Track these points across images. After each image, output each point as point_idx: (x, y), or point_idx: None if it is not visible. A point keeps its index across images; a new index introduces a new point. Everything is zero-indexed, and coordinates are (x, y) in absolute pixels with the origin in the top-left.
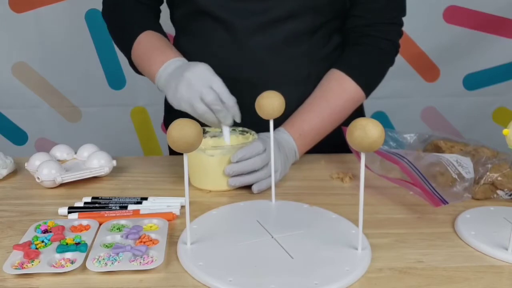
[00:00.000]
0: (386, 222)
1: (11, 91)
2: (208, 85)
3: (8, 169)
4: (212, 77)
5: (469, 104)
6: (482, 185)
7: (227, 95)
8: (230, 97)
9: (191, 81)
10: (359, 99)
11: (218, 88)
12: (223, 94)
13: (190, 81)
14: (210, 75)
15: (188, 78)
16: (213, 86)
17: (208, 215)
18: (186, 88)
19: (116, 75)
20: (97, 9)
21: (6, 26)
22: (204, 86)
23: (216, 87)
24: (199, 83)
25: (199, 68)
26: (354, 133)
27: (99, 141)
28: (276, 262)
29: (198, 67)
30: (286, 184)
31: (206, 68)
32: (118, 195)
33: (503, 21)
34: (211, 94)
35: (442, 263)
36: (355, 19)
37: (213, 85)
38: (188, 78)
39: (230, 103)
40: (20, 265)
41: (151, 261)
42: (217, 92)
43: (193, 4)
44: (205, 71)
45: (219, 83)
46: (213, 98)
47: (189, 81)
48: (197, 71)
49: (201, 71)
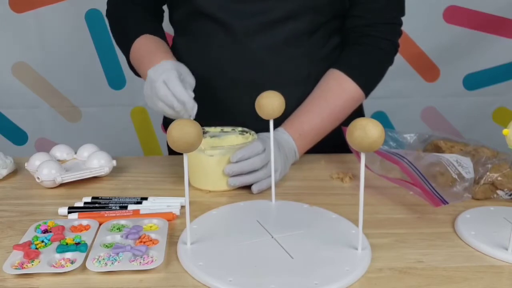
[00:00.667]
0: (386, 222)
1: (11, 91)
2: (161, 80)
3: (8, 169)
4: (166, 72)
5: (469, 104)
6: (482, 185)
7: (177, 89)
8: (181, 91)
9: (151, 77)
10: (358, 99)
11: (168, 82)
12: (174, 88)
13: (150, 78)
14: (166, 69)
15: (149, 76)
16: (165, 80)
17: (208, 215)
18: (148, 86)
19: (116, 75)
20: (97, 9)
21: (6, 26)
22: (157, 80)
23: (167, 81)
24: (155, 78)
25: (160, 66)
26: (354, 133)
27: (99, 141)
28: (276, 262)
29: (160, 65)
30: (286, 184)
31: (166, 63)
32: (118, 195)
33: (503, 21)
34: (162, 88)
35: (442, 263)
36: (355, 19)
37: (165, 79)
38: (150, 76)
39: (180, 97)
40: (20, 265)
41: (151, 261)
42: (168, 87)
43: (192, 5)
44: (163, 68)
45: (170, 77)
46: (163, 92)
47: (150, 78)
48: (157, 69)
49: (160, 68)
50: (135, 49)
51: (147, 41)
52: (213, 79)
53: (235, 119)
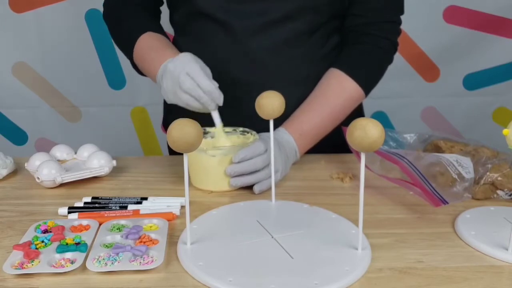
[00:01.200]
0: (386, 222)
1: (11, 91)
2: (184, 72)
3: (8, 169)
4: (188, 64)
5: (469, 104)
6: (482, 185)
7: (202, 80)
8: (206, 81)
9: (172, 71)
10: (358, 98)
11: (193, 73)
12: (199, 80)
13: (171, 72)
14: (187, 61)
15: (169, 69)
16: (188, 72)
17: (208, 215)
18: (169, 79)
19: (116, 75)
20: (97, 9)
21: (6, 26)
22: (181, 73)
23: (191, 73)
24: (177, 71)
25: (179, 58)
26: (354, 133)
27: (99, 141)
28: (276, 262)
29: (179, 57)
30: (286, 184)
31: (186, 55)
32: (118, 195)
33: (503, 21)
34: (188, 81)
35: (442, 263)
36: (354, 18)
37: (188, 71)
38: (170, 69)
39: (206, 88)
40: (20, 265)
41: (151, 261)
42: (193, 78)
43: (193, 6)
44: (183, 59)
45: (193, 69)
46: (189, 85)
47: (170, 72)
48: (176, 61)
49: (180, 60)
50: (139, 47)
51: (152, 38)
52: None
53: (235, 119)
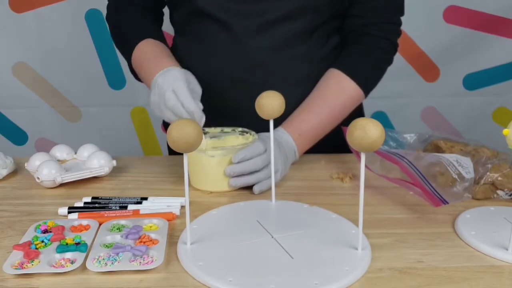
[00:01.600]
0: (386, 222)
1: (11, 91)
2: (171, 90)
3: (8, 169)
4: (176, 82)
5: (469, 104)
6: (482, 185)
7: (186, 100)
8: (190, 102)
9: (160, 85)
10: (358, 99)
11: (178, 92)
12: (183, 99)
13: (159, 86)
14: (176, 79)
15: (158, 83)
16: (175, 90)
17: (208, 215)
18: (156, 93)
19: (116, 75)
20: (97, 9)
21: (6, 26)
22: (167, 90)
23: (177, 91)
24: (164, 87)
25: (169, 73)
26: (354, 133)
27: (99, 141)
28: (276, 262)
29: (169, 72)
30: (286, 184)
31: (176, 73)
32: (118, 195)
33: (503, 21)
34: (172, 98)
35: (442, 263)
36: (354, 18)
37: (175, 89)
38: (158, 83)
39: (190, 108)
40: (20, 265)
41: (151, 261)
42: (178, 97)
43: (192, 5)
44: (173, 76)
45: (180, 88)
46: (173, 103)
47: (158, 86)
48: (166, 76)
49: (169, 76)
50: (137, 54)
51: (149, 46)
52: (213, 79)
53: (235, 119)
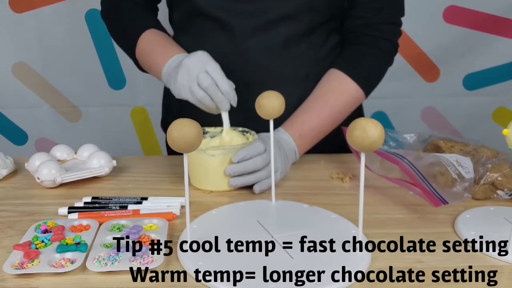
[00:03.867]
0: (386, 222)
1: (11, 91)
2: (204, 70)
3: (8, 169)
4: (208, 62)
5: (469, 104)
6: (482, 185)
7: (222, 79)
8: (225, 81)
9: (189, 67)
10: (358, 99)
11: (213, 72)
12: (218, 79)
13: (188, 68)
14: (206, 60)
15: (186, 65)
16: (208, 70)
17: (208, 215)
18: (185, 75)
19: (116, 75)
20: (97, 9)
21: (6, 26)
22: (200, 71)
23: (211, 71)
24: (196, 68)
25: (196, 54)
26: (354, 133)
27: (99, 141)
28: (276, 262)
29: (196, 54)
30: (286, 184)
31: (203, 53)
32: (118, 195)
33: (503, 21)
34: (207, 78)
35: (442, 263)
36: (354, 19)
37: (208, 69)
38: (187, 64)
39: (225, 87)
40: (20, 265)
41: (151, 261)
42: (212, 77)
43: (192, 5)
44: (201, 56)
45: (214, 68)
46: (209, 82)
47: (187, 67)
48: (194, 57)
49: (198, 57)
50: (142, 43)
51: (156, 35)
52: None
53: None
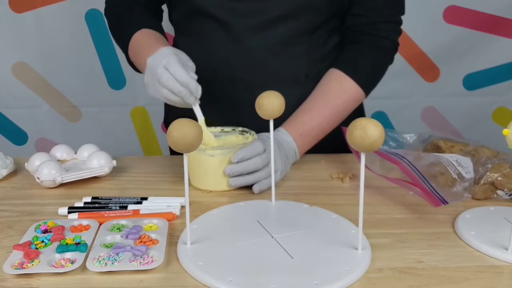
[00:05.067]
0: (386, 222)
1: (11, 91)
2: (162, 65)
3: (8, 169)
4: (166, 57)
5: (469, 104)
6: (482, 185)
7: (178, 72)
8: (182, 73)
9: (151, 65)
10: (359, 99)
11: (169, 67)
12: (175, 72)
13: (150, 66)
14: (166, 55)
15: (149, 64)
16: (166, 65)
17: (208, 215)
18: (149, 74)
19: (116, 75)
20: (97, 9)
21: (6, 26)
22: (158, 66)
23: (168, 65)
24: (155, 65)
25: (159, 51)
26: (354, 133)
27: (99, 141)
28: (276, 262)
29: (159, 51)
30: (286, 184)
31: (165, 49)
32: (118, 195)
33: (503, 21)
34: (165, 74)
35: (442, 263)
36: (354, 18)
37: (165, 64)
38: (149, 63)
39: (183, 80)
40: (20, 265)
41: (151, 261)
42: (169, 71)
43: (192, 4)
44: (162, 53)
45: (171, 62)
46: (165, 77)
47: (149, 65)
48: (156, 54)
49: (159, 54)
50: (133, 43)
51: (145, 34)
52: (213, 79)
53: (235, 119)
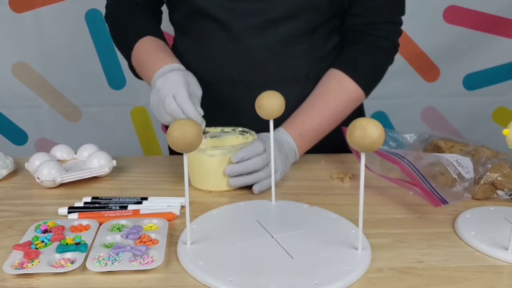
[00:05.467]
0: (386, 222)
1: (11, 91)
2: (171, 94)
3: (8, 169)
4: (177, 87)
5: (469, 104)
6: (482, 185)
7: (187, 106)
8: (190, 108)
9: (159, 89)
10: (358, 99)
11: (179, 98)
12: (183, 106)
13: (158, 89)
14: (175, 84)
15: (158, 87)
16: (175, 96)
17: (208, 215)
18: (155, 96)
19: (116, 75)
20: (97, 9)
21: (6, 26)
22: (167, 95)
23: (177, 96)
24: (164, 91)
25: (169, 77)
26: (354, 133)
27: (99, 141)
28: (276, 262)
29: (169, 76)
30: (286, 184)
31: (176, 77)
32: (118, 195)
33: (503, 21)
34: (172, 104)
35: (442, 263)
36: (354, 18)
37: (175, 94)
38: (158, 86)
39: (189, 114)
40: (20, 265)
41: (151, 261)
42: (178, 103)
43: (192, 5)
44: (172, 80)
45: (181, 94)
46: (172, 108)
47: (159, 90)
48: (166, 80)
49: (169, 81)
50: (137, 52)
51: (149, 43)
52: (213, 79)
53: (235, 119)
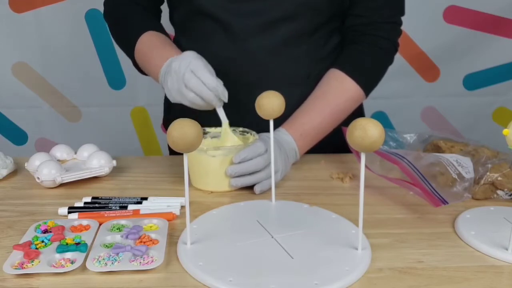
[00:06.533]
0: (386, 222)
1: (11, 91)
2: (189, 70)
3: (8, 169)
4: (193, 62)
5: (469, 104)
6: (482, 185)
7: (207, 76)
8: (210, 78)
9: (176, 69)
10: (359, 99)
11: (197, 71)
12: (204, 77)
13: (175, 70)
14: (191, 59)
15: (173, 68)
16: (192, 69)
17: (208, 215)
18: (174, 78)
19: (116, 75)
20: (97, 9)
21: (6, 26)
22: (186, 71)
23: (195, 70)
24: (181, 69)
25: (182, 56)
26: (354, 133)
27: (99, 141)
28: (276, 262)
29: (182, 55)
30: (286, 184)
31: (189, 53)
32: (118, 195)
33: (503, 21)
34: (193, 78)
35: (442, 263)
36: (354, 18)
37: (193, 69)
38: (174, 67)
39: (211, 84)
40: (20, 265)
41: (151, 261)
42: (197, 75)
43: (192, 5)
44: (187, 56)
45: (198, 67)
46: (194, 82)
47: (175, 70)
48: (180, 59)
49: (183, 57)
50: (141, 45)
51: (153, 37)
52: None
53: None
